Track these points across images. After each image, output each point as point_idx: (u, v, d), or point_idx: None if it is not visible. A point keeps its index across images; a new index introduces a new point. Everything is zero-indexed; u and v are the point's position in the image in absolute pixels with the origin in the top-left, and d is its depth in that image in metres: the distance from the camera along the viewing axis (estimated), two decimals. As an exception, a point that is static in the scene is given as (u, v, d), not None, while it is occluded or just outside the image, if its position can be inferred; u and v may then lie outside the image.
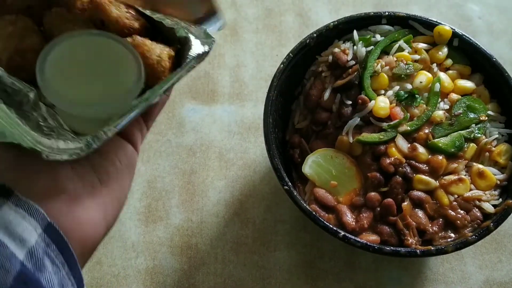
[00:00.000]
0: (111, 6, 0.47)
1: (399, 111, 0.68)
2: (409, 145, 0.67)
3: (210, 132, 0.84)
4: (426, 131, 0.68)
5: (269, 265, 0.75)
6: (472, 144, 0.67)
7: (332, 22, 0.74)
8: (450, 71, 0.73)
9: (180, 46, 0.49)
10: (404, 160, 0.66)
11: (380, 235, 0.65)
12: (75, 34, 0.43)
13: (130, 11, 0.49)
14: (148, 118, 0.48)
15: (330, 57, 0.73)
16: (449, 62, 0.73)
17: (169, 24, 0.48)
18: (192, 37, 0.47)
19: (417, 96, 0.69)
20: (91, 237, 0.40)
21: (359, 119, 0.69)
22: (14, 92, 0.44)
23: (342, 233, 0.62)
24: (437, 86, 0.69)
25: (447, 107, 0.70)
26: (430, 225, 0.65)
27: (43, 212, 0.36)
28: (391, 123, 0.68)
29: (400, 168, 0.65)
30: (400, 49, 0.73)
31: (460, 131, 0.68)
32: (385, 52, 0.73)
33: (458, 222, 0.64)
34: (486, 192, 0.66)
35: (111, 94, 0.42)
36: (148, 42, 0.47)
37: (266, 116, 0.69)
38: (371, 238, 0.64)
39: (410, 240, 0.63)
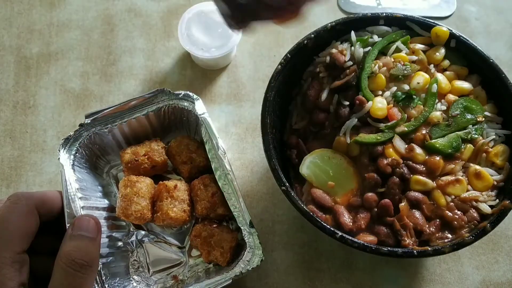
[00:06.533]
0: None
1: (397, 111, 0.69)
2: (406, 145, 0.67)
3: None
4: (424, 132, 0.68)
5: (266, 265, 0.75)
6: (469, 145, 0.68)
7: (330, 22, 0.74)
8: (447, 72, 0.73)
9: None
10: (401, 161, 0.66)
11: (377, 236, 0.65)
12: None
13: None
14: None
15: (328, 58, 0.73)
16: (446, 63, 0.73)
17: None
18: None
19: (414, 97, 0.69)
20: None
21: (356, 119, 0.69)
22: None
23: (340, 233, 0.62)
24: (435, 87, 0.69)
25: (444, 108, 0.70)
26: (427, 225, 0.65)
27: None
28: (389, 123, 0.68)
29: (397, 169, 0.66)
30: (398, 50, 0.73)
31: (457, 132, 0.68)
32: (383, 53, 0.73)
33: (455, 222, 0.64)
34: (483, 193, 0.66)
35: None
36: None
37: (264, 116, 0.69)
38: (368, 238, 0.64)
39: (407, 241, 0.63)
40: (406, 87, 0.70)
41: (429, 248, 0.61)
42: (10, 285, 0.52)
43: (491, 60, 0.71)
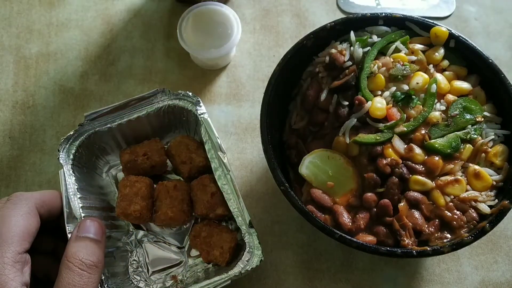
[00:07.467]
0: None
1: (396, 112, 0.69)
2: (405, 146, 0.67)
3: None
4: (423, 132, 0.68)
5: (266, 265, 0.75)
6: (468, 145, 0.68)
7: (329, 22, 0.74)
8: (447, 72, 0.73)
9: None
10: (400, 161, 0.66)
11: (376, 236, 0.65)
12: None
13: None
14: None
15: (327, 58, 0.73)
16: (445, 63, 0.73)
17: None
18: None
19: (413, 97, 0.69)
20: None
21: (355, 120, 0.69)
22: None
23: (339, 233, 0.62)
24: (434, 87, 0.69)
25: (443, 108, 0.70)
26: (426, 225, 0.65)
27: None
28: (388, 124, 0.68)
29: (397, 169, 0.66)
30: (397, 50, 0.73)
31: (456, 132, 0.68)
32: (382, 53, 0.73)
33: (454, 222, 0.64)
34: (482, 193, 0.66)
35: None
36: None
37: (263, 116, 0.69)
38: (367, 238, 0.64)
39: (407, 241, 0.63)
40: (405, 87, 0.70)
41: (428, 248, 0.62)
42: (12, 285, 0.52)
43: (490, 60, 0.71)
